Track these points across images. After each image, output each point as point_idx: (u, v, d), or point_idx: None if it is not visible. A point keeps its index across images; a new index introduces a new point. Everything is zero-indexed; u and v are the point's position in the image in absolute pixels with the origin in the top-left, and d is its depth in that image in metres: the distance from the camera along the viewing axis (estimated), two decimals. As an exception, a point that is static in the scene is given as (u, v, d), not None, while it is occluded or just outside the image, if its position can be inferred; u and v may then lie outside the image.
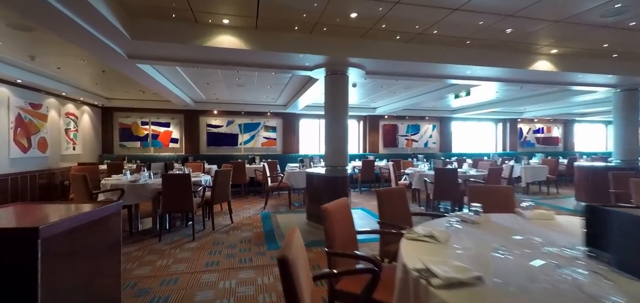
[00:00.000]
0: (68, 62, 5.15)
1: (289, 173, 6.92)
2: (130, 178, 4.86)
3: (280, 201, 7.76)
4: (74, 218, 1.95)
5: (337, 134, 4.90)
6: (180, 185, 4.53)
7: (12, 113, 5.79)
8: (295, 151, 10.93)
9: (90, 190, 4.35)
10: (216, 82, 6.72)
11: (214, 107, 9.82)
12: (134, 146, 9.67)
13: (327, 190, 4.91)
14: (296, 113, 10.85)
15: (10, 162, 5.75)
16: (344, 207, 2.40)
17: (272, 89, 7.61)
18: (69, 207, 2.35)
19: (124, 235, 4.81)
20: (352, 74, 4.94)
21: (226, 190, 5.38)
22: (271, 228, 5.22)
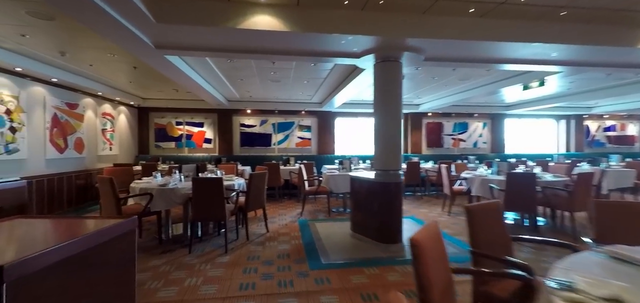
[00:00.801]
0: (98, 57, 4.88)
1: (328, 177, 6.26)
2: (160, 182, 4.46)
3: (317, 206, 7.13)
4: (64, 248, 1.40)
5: (389, 132, 4.15)
6: (212, 190, 4.03)
7: (48, 113, 5.69)
8: (330, 152, 10.27)
9: (117, 194, 3.98)
10: (250, 77, 6.24)
11: (247, 105, 9.44)
12: (169, 146, 9.55)
13: (378, 198, 4.17)
14: (332, 111, 10.19)
15: (46, 162, 5.64)
16: (436, 237, 1.67)
17: (309, 85, 7.00)
18: (72, 225, 1.85)
19: (153, 243, 4.42)
20: (407, 60, 4.16)
21: (261, 196, 4.83)
22: (311, 240, 4.58)
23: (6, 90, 4.80)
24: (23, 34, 3.84)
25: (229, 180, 4.90)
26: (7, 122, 4.81)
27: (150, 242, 4.46)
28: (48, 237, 1.64)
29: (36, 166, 5.41)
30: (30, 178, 5.24)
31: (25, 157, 5.15)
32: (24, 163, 5.15)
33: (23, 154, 5.09)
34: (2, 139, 4.71)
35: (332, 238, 4.61)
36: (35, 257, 1.26)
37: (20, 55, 4.58)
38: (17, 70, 4.83)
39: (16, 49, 4.39)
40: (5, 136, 4.77)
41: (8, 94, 4.83)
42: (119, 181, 5.41)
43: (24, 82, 5.16)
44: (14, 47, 4.30)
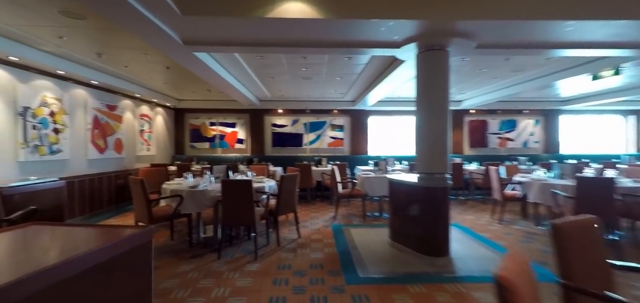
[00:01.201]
0: (133, 58, 4.91)
1: (363, 179, 5.86)
2: (190, 183, 4.34)
3: (351, 209, 6.75)
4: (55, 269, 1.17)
5: (434, 131, 3.67)
6: (241, 193, 3.82)
7: (90, 115, 5.87)
8: (364, 152, 9.83)
9: (148, 196, 3.90)
10: (281, 74, 6.01)
11: (278, 105, 9.29)
12: (203, 147, 9.67)
13: (421, 205, 3.71)
14: (365, 110, 9.74)
15: (87, 163, 5.82)
16: (529, 276, 1.23)
17: (342, 82, 6.64)
18: (81, 237, 1.66)
19: (184, 246, 4.31)
20: (455, 49, 3.66)
21: (292, 199, 4.56)
22: (346, 248, 4.22)
23: (50, 93, 4.97)
24: (60, 36, 3.89)
25: (259, 182, 4.69)
26: (51, 123, 4.98)
27: (181, 245, 4.36)
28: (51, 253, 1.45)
29: (78, 166, 5.59)
30: (72, 178, 5.42)
31: (68, 157, 5.32)
32: (67, 163, 5.33)
33: (66, 155, 5.26)
34: (46, 140, 4.88)
35: (369, 247, 4.21)
36: (22, 282, 1.04)
37: (62, 58, 4.71)
38: (59, 73, 4.99)
39: (57, 52, 4.50)
40: (49, 137, 4.94)
41: (52, 97, 5.00)
42: (153, 181, 5.47)
43: (67, 85, 5.34)
44: (54, 50, 4.41)
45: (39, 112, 4.75)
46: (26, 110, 4.55)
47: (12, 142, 4.36)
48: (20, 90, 4.46)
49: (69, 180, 5.31)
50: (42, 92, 4.83)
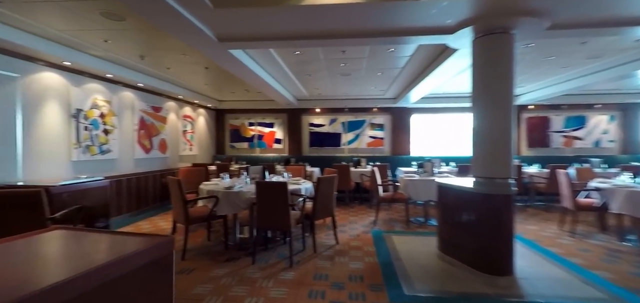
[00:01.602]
0: (173, 59, 4.97)
1: (407, 182, 5.39)
2: (226, 184, 4.25)
3: (393, 214, 6.30)
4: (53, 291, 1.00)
5: (496, 129, 3.15)
6: (276, 196, 3.62)
7: (136, 116, 6.11)
8: (405, 152, 9.25)
9: (185, 197, 3.86)
10: (318, 71, 5.76)
11: (316, 104, 9.07)
12: (242, 147, 9.79)
13: (478, 214, 3.21)
14: (407, 107, 9.16)
15: (134, 162, 6.07)
16: None
17: (382, 77, 6.22)
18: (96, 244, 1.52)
19: (219, 248, 4.23)
20: (522, 30, 3.10)
21: (330, 203, 4.28)
22: (388, 258, 3.83)
23: (100, 96, 5.22)
24: (105, 40, 4.00)
25: (296, 184, 4.47)
26: (101, 125, 5.23)
27: (217, 247, 4.29)
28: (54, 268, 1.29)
29: (126, 165, 5.84)
30: (120, 177, 5.67)
31: (117, 157, 5.57)
32: (116, 163, 5.58)
33: (115, 154, 5.51)
34: (97, 141, 5.13)
35: (414, 259, 3.78)
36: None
37: (109, 62, 4.91)
38: (108, 76, 5.22)
39: (105, 56, 4.69)
40: (100, 138, 5.19)
41: (102, 99, 5.25)
42: (193, 181, 5.52)
43: (115, 88, 5.59)
44: (102, 54, 4.59)
45: (90, 114, 5.00)
46: (79, 112, 4.80)
47: (66, 142, 4.62)
48: (74, 93, 4.72)
49: (117, 179, 5.57)
50: (93, 94, 5.09)
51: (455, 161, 7.73)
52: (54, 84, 4.45)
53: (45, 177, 4.20)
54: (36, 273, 1.14)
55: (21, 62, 3.98)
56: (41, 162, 4.23)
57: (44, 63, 4.29)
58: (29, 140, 4.06)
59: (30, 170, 4.07)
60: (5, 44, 3.62)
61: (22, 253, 1.38)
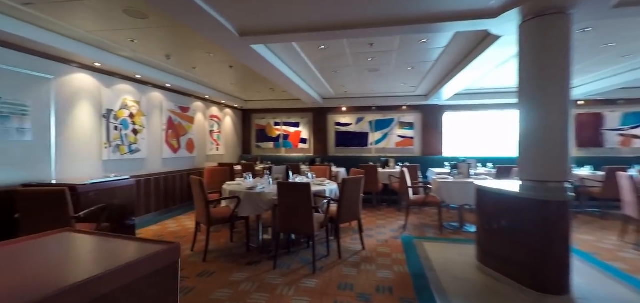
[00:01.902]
0: (198, 58, 4.95)
1: (440, 184, 5.00)
2: (248, 185, 4.13)
3: (424, 218, 5.90)
4: None
5: (549, 126, 2.73)
6: (298, 197, 3.42)
7: (164, 116, 6.21)
8: (437, 152, 8.73)
9: (207, 197, 3.78)
10: (344, 67, 5.51)
11: (342, 103, 8.81)
12: (268, 147, 9.76)
13: (527, 222, 2.81)
14: (439, 105, 8.64)
15: (162, 161, 6.17)
16: None
17: (413, 72, 5.84)
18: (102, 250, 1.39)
19: (242, 250, 4.11)
20: (583, 10, 2.66)
21: (356, 206, 4.02)
22: (420, 268, 3.50)
23: (130, 96, 5.33)
24: (132, 39, 4.02)
25: (320, 185, 4.26)
26: (131, 124, 5.34)
27: (239, 249, 4.18)
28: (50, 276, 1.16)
29: (154, 165, 5.94)
30: (149, 176, 5.77)
31: (145, 156, 5.67)
32: (144, 162, 5.68)
33: (143, 154, 5.62)
34: (126, 140, 5.24)
35: (450, 270, 3.43)
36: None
37: (137, 63, 4.98)
38: (137, 77, 5.31)
39: (133, 57, 4.76)
40: (129, 137, 5.30)
41: (131, 99, 5.36)
42: (218, 181, 5.48)
43: (144, 88, 5.70)
44: (131, 55, 4.65)
45: (120, 114, 5.12)
46: (109, 112, 4.92)
47: (98, 142, 4.74)
48: (105, 94, 4.83)
49: (145, 178, 5.67)
50: (123, 95, 5.20)
51: (493, 162, 7.14)
52: (86, 85, 4.57)
53: (77, 176, 4.31)
54: (19, 286, 1.01)
55: (55, 64, 4.11)
56: (73, 162, 4.36)
57: (77, 65, 4.42)
58: (62, 140, 4.19)
59: (63, 169, 4.19)
60: (39, 46, 3.73)
61: (17, 258, 1.27)
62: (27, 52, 3.75)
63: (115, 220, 3.74)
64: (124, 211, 3.94)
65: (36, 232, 2.78)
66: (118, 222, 3.83)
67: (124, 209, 3.93)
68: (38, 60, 3.89)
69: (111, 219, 3.57)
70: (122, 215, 3.90)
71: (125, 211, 3.96)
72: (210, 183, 5.47)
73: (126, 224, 3.95)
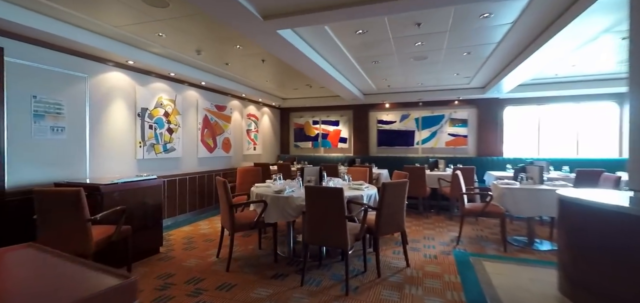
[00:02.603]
0: (229, 52, 4.72)
1: (504, 191, 4.15)
2: (276, 188, 3.74)
3: (481, 230, 5.03)
4: None
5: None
6: (329, 205, 2.93)
7: (200, 115, 6.14)
8: (495, 153, 7.62)
9: (231, 200, 3.46)
10: (386, 55, 4.89)
11: (385, 98, 8.11)
12: (306, 146, 9.41)
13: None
14: (499, 98, 7.54)
15: (198, 161, 6.10)
16: None
17: (469, 59, 5.01)
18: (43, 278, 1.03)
19: (269, 259, 3.74)
20: None
21: (399, 214, 3.40)
22: (481, 297, 2.79)
23: (165, 95, 5.29)
24: (159, 33, 3.87)
25: (356, 190, 3.72)
26: (166, 123, 5.29)
27: (266, 258, 3.81)
28: None
29: (189, 164, 5.88)
30: (184, 175, 5.71)
31: (180, 155, 5.62)
32: (179, 161, 5.63)
33: (178, 153, 5.56)
34: (161, 139, 5.20)
35: (517, 296, 2.67)
36: None
37: (171, 60, 4.90)
38: (171, 75, 5.25)
39: (165, 54, 4.67)
40: (164, 136, 5.26)
41: (167, 98, 5.32)
42: (251, 182, 5.15)
43: (179, 87, 5.65)
44: (162, 51, 4.56)
45: (155, 113, 5.08)
46: (144, 111, 4.89)
47: (132, 141, 4.72)
48: (140, 92, 4.81)
49: (180, 178, 5.61)
50: (158, 93, 5.16)
51: (569, 165, 5.96)
52: (121, 83, 4.57)
53: (112, 174, 4.30)
54: None
55: (89, 63, 4.11)
56: (108, 160, 4.36)
57: (112, 63, 4.42)
58: (96, 138, 4.19)
59: (97, 168, 4.20)
60: (71, 44, 3.72)
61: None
62: (61, 50, 3.77)
63: (138, 223, 3.59)
64: (149, 213, 3.78)
65: (52, 234, 2.59)
66: (142, 225, 3.68)
67: (149, 211, 3.78)
68: (72, 59, 3.91)
69: (133, 222, 3.40)
70: (146, 217, 3.75)
71: (151, 213, 3.80)
72: (241, 184, 5.22)
73: (151, 226, 3.80)
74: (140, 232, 3.64)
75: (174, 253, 3.94)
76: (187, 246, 4.22)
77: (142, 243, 3.68)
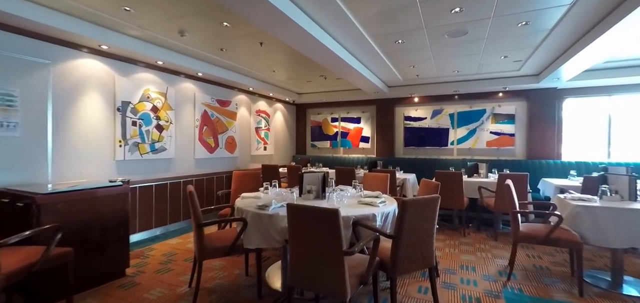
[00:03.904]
0: (218, 34, 3.96)
1: (578, 211, 2.97)
2: (260, 203, 2.88)
3: (539, 256, 3.83)
4: None
5: None
6: (319, 233, 2.00)
7: (198, 110, 5.45)
8: (553, 155, 6.22)
9: (199, 216, 2.66)
10: (413, 33, 3.85)
11: (413, 90, 6.97)
12: (324, 146, 8.50)
13: None
14: (556, 88, 6.15)
15: (195, 162, 5.42)
16: None
17: (523, 34, 3.83)
18: None
19: (251, 295, 2.88)
20: None
21: (426, 246, 2.39)
22: None
23: (153, 87, 4.64)
24: (125, 8, 3.15)
25: (367, 206, 2.74)
26: (154, 119, 4.64)
27: (249, 291, 2.95)
28: None
29: (184, 166, 5.21)
30: (178, 178, 5.04)
31: (173, 156, 4.95)
32: (172, 163, 4.97)
33: (170, 153, 4.90)
34: (148, 138, 4.55)
35: None
36: None
37: (153, 45, 4.23)
38: (159, 63, 4.59)
39: (144, 37, 4.01)
40: (152, 134, 4.61)
41: (155, 91, 4.67)
42: (249, 189, 4.33)
43: (172, 78, 4.99)
44: (141, 34, 3.90)
45: (140, 107, 4.44)
46: (126, 105, 4.25)
47: (110, 139, 4.10)
48: (120, 83, 4.18)
49: (172, 181, 4.94)
50: (145, 85, 4.52)
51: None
52: (96, 72, 3.95)
53: (84, 178, 3.69)
54: None
55: (52, 47, 3.50)
56: (77, 162, 3.74)
57: (85, 49, 3.81)
58: (62, 136, 3.58)
59: (64, 171, 3.59)
60: (24, 23, 3.11)
61: None
62: (13, 31, 3.17)
63: (94, 241, 2.90)
64: (111, 227, 3.08)
65: None
66: (101, 243, 2.98)
67: (110, 225, 3.08)
68: (29, 42, 3.30)
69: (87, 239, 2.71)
70: (106, 233, 3.04)
71: (113, 227, 3.10)
72: (238, 191, 4.39)
73: (113, 244, 3.09)
74: (97, 252, 2.95)
75: (141, 277, 3.21)
76: (162, 267, 3.49)
77: (100, 265, 2.99)
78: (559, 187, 4.56)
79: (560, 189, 4.54)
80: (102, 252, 3.01)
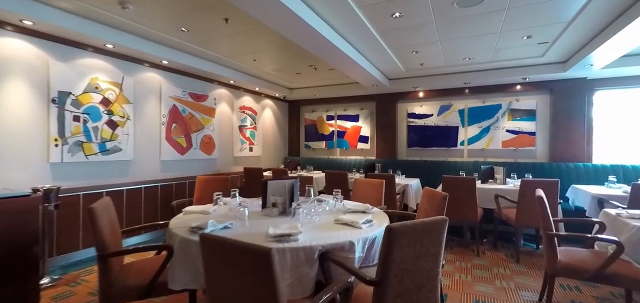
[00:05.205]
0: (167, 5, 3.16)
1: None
2: (195, 223, 2.09)
3: (577, 286, 2.93)
4: None
5: None
6: (245, 280, 1.21)
7: (165, 105, 4.71)
8: (582, 157, 5.30)
9: (103, 240, 1.89)
10: (414, 7, 3.03)
11: (417, 83, 6.12)
12: (319, 147, 7.69)
13: None
14: (585, 79, 5.24)
15: (161, 165, 4.68)
16: None
17: (549, 13, 2.98)
18: None
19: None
20: None
21: (428, 296, 1.56)
22: None
23: (103, 75, 3.92)
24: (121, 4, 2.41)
25: (345, 227, 1.93)
26: (105, 114, 3.91)
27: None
28: None
29: (146, 169, 4.47)
30: (138, 183, 4.31)
31: (131, 157, 4.22)
32: (129, 165, 4.23)
33: (127, 155, 4.16)
34: (96, 136, 3.82)
35: None
36: None
37: (95, 22, 3.50)
38: (108, 47, 3.86)
39: (81, 11, 3.27)
40: (102, 132, 3.88)
41: (106, 80, 3.94)
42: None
43: (129, 66, 4.26)
44: (75, 7, 3.16)
45: (85, 99, 3.71)
46: (65, 96, 3.53)
47: (42, 137, 3.37)
48: (56, 69, 3.46)
49: (130, 188, 4.20)
50: (91, 73, 3.79)
51: None
52: (21, 55, 3.23)
53: (3, 185, 2.96)
54: None
55: (-44, 21, 2.80)
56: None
57: (11, 28, 3.09)
58: (-30, 132, 2.87)
59: (-28, 176, 2.87)
60: None
61: None
62: None
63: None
64: (5, 256, 2.33)
65: None
66: None
67: (3, 253, 2.33)
68: None
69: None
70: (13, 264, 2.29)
71: (9, 255, 2.35)
72: (201, 200, 3.62)
73: (8, 279, 2.33)
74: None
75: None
76: (91, 298, 2.73)
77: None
78: (597, 196, 3.69)
79: (599, 200, 3.67)
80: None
